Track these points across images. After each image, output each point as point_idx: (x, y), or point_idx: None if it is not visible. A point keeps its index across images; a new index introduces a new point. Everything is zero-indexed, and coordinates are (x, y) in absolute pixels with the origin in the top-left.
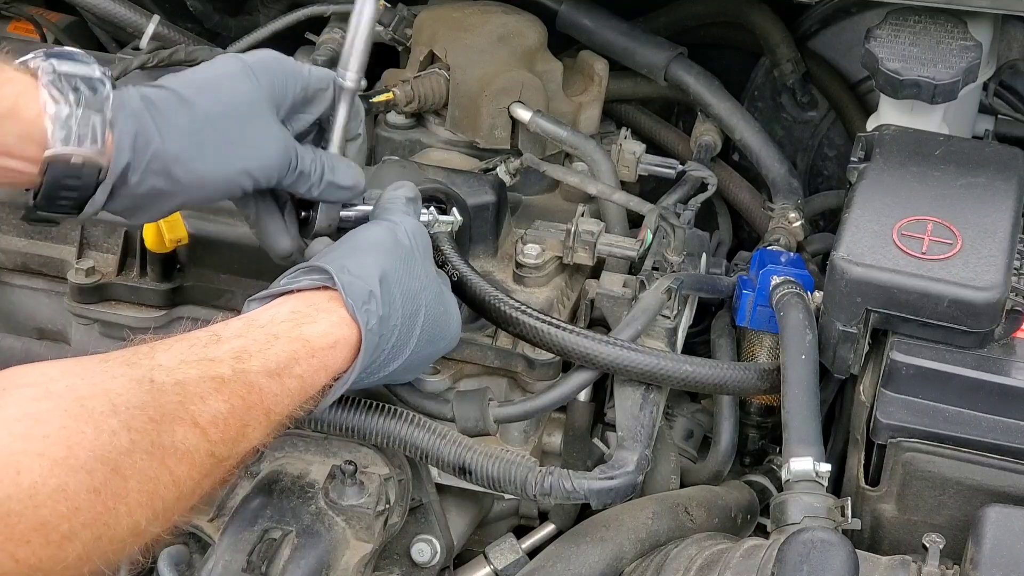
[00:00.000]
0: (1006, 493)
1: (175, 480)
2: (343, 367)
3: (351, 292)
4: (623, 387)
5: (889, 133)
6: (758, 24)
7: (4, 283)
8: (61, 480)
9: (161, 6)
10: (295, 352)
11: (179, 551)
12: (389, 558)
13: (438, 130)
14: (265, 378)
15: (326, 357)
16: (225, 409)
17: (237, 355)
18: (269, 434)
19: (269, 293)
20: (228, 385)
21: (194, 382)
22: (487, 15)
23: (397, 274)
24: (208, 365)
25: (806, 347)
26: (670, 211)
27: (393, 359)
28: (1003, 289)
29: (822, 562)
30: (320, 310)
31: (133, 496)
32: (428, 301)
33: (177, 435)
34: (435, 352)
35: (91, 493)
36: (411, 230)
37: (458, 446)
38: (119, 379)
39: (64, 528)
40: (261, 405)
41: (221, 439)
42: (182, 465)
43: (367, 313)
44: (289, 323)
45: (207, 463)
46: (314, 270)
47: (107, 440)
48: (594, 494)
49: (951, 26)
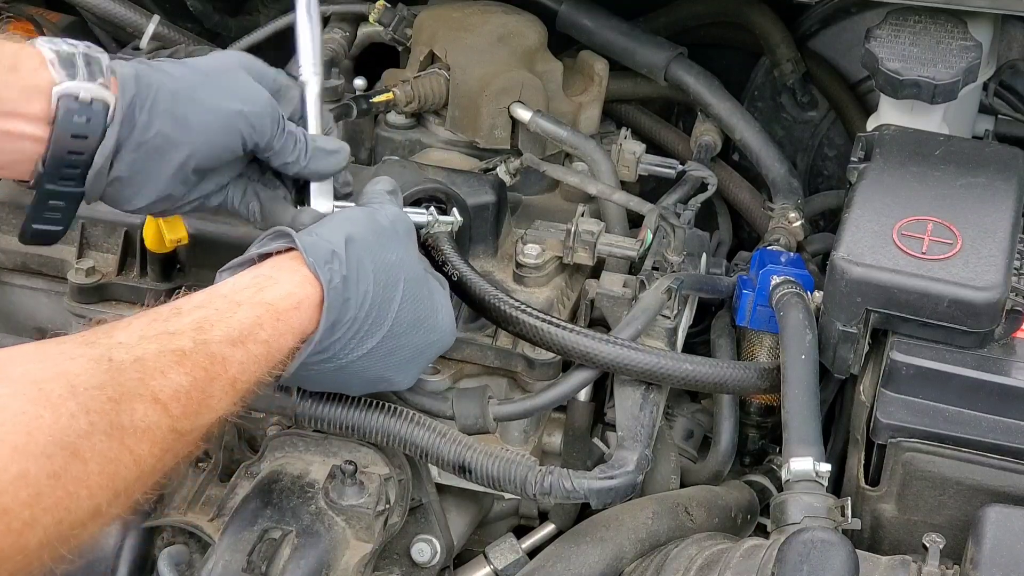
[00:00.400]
0: (1006, 493)
1: (136, 459)
2: (309, 328)
3: (312, 251)
4: (623, 387)
5: (889, 133)
6: (758, 24)
7: (4, 283)
8: (22, 467)
9: (161, 6)
10: (259, 317)
11: (179, 551)
12: (389, 558)
13: (438, 130)
14: (228, 347)
15: (291, 319)
16: (187, 382)
17: (198, 326)
18: (236, 403)
19: (239, 262)
20: (189, 358)
21: (154, 357)
22: (487, 15)
23: (367, 241)
24: (168, 339)
25: (806, 347)
26: (670, 211)
27: (369, 333)
28: (1003, 289)
29: (822, 562)
30: (282, 271)
31: (94, 479)
32: (408, 277)
33: (137, 413)
34: (428, 344)
35: (51, 478)
36: (390, 214)
37: (458, 445)
38: (77, 360)
39: (25, 515)
40: (225, 375)
41: (183, 413)
42: (143, 443)
43: (329, 271)
44: (251, 289)
45: (169, 438)
46: (280, 235)
47: (66, 423)
48: (594, 494)
49: (951, 26)
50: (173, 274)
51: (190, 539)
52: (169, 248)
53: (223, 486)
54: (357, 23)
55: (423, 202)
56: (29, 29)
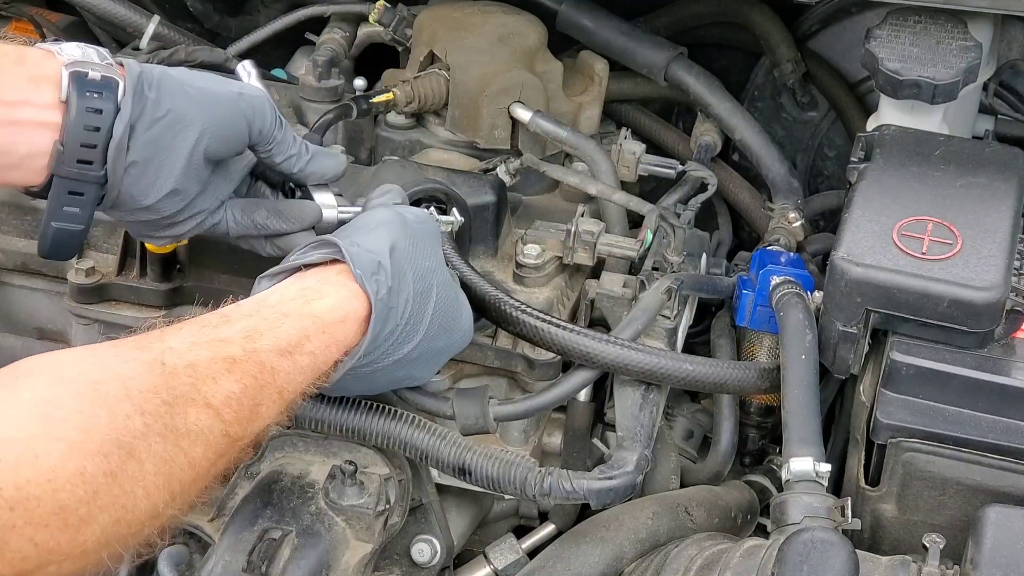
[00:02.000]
0: (1006, 493)
1: (191, 461)
2: (354, 341)
3: (359, 263)
4: (623, 387)
5: (889, 133)
6: (758, 24)
7: (4, 283)
8: (79, 464)
9: (161, 6)
10: (305, 329)
11: (179, 551)
12: (389, 558)
13: (438, 130)
14: (276, 357)
15: (336, 332)
16: (238, 389)
17: (248, 335)
18: (283, 412)
19: (280, 269)
20: (240, 365)
21: (206, 363)
22: (487, 15)
23: (407, 250)
24: (219, 346)
25: (806, 347)
26: (670, 211)
27: (406, 340)
28: (1003, 289)
29: (822, 562)
30: (329, 284)
31: (150, 479)
32: (440, 282)
33: (190, 417)
34: (449, 345)
35: (108, 476)
36: (419, 216)
37: (458, 447)
38: (131, 363)
39: (83, 512)
40: (274, 384)
41: (235, 419)
42: (197, 446)
43: (376, 283)
44: (299, 300)
45: (222, 443)
46: (323, 244)
47: (122, 423)
48: (594, 494)
49: (951, 26)
50: (173, 274)
51: (190, 539)
52: (169, 248)
53: (223, 486)
54: (357, 23)
55: (423, 202)
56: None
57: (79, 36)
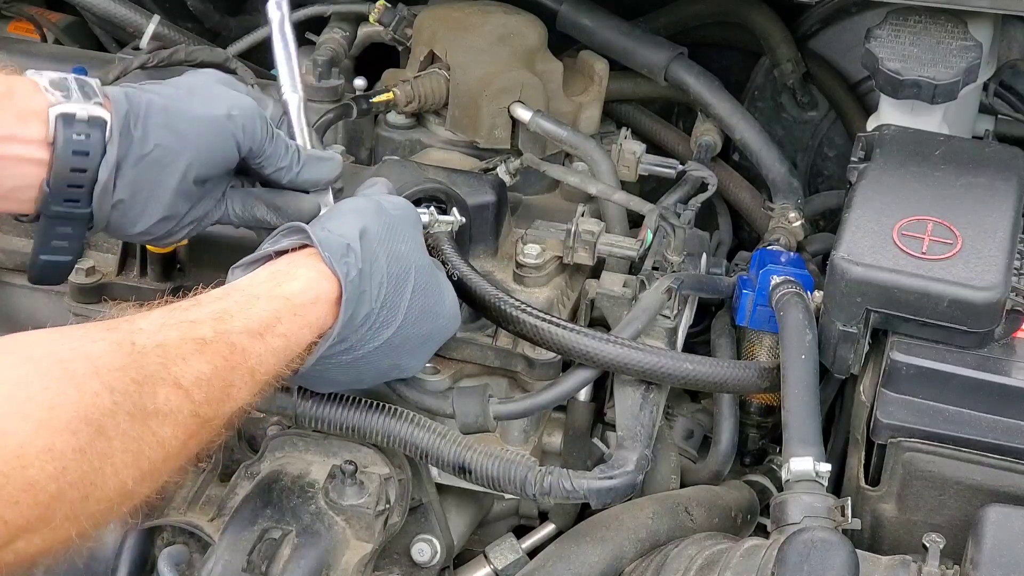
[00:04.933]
0: (1006, 493)
1: (160, 441)
2: (327, 323)
3: (328, 246)
4: (623, 387)
5: (889, 133)
6: (758, 24)
7: (4, 283)
8: (47, 441)
9: (161, 6)
10: (277, 311)
11: (179, 551)
12: (389, 558)
13: (438, 130)
14: (248, 338)
15: (308, 313)
16: (208, 370)
17: (218, 317)
18: (256, 394)
19: (252, 259)
20: (210, 346)
21: (175, 344)
22: (487, 15)
23: (379, 233)
24: (189, 327)
25: (806, 347)
26: (670, 211)
27: (385, 324)
28: (1003, 289)
29: (822, 562)
30: (299, 267)
31: (118, 456)
32: (418, 266)
33: (159, 397)
34: (435, 330)
35: (77, 453)
36: (396, 203)
37: (458, 445)
38: (99, 343)
39: (52, 488)
40: (245, 365)
41: (205, 400)
42: (166, 426)
43: (346, 265)
44: (269, 283)
45: (192, 424)
46: (293, 231)
47: (90, 401)
48: (594, 494)
49: (951, 26)
50: (173, 274)
51: (190, 539)
52: (169, 248)
53: (223, 486)
54: (357, 23)
55: (423, 202)
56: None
57: (79, 36)
